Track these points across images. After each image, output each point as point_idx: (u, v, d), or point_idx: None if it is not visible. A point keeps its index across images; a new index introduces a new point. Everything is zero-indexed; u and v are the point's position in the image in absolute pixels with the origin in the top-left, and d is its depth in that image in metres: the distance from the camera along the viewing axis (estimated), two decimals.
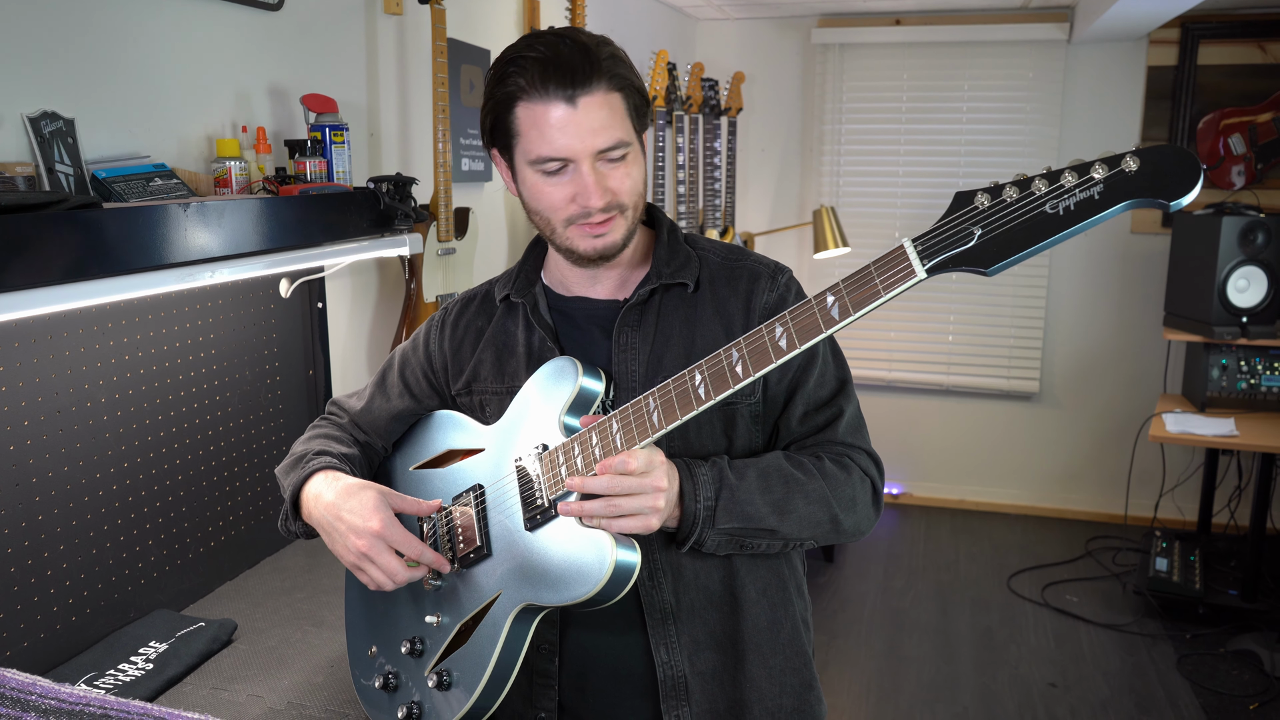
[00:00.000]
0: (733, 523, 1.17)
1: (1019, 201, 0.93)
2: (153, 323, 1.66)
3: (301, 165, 1.88)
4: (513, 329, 1.34)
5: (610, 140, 1.17)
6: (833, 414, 1.28)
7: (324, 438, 1.40)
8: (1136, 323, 4.70)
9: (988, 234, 0.94)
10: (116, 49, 1.62)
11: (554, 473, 1.18)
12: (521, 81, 1.16)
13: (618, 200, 1.20)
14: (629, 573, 1.12)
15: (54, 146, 1.47)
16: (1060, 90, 4.59)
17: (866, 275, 0.99)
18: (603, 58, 1.16)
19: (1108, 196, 0.90)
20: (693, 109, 4.18)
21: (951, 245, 0.96)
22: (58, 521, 1.51)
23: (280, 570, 1.90)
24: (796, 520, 1.20)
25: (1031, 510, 5.00)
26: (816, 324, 1.02)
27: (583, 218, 1.19)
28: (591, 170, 1.17)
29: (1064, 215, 0.91)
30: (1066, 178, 0.91)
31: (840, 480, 1.23)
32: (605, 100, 1.16)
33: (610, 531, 1.11)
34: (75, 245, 1.28)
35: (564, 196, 1.19)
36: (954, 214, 0.96)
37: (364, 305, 2.36)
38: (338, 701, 1.42)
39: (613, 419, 1.14)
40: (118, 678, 1.45)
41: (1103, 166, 0.90)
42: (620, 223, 1.21)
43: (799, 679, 1.31)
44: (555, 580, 1.15)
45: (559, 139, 1.15)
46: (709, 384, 1.08)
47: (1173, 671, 3.44)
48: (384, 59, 2.39)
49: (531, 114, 1.16)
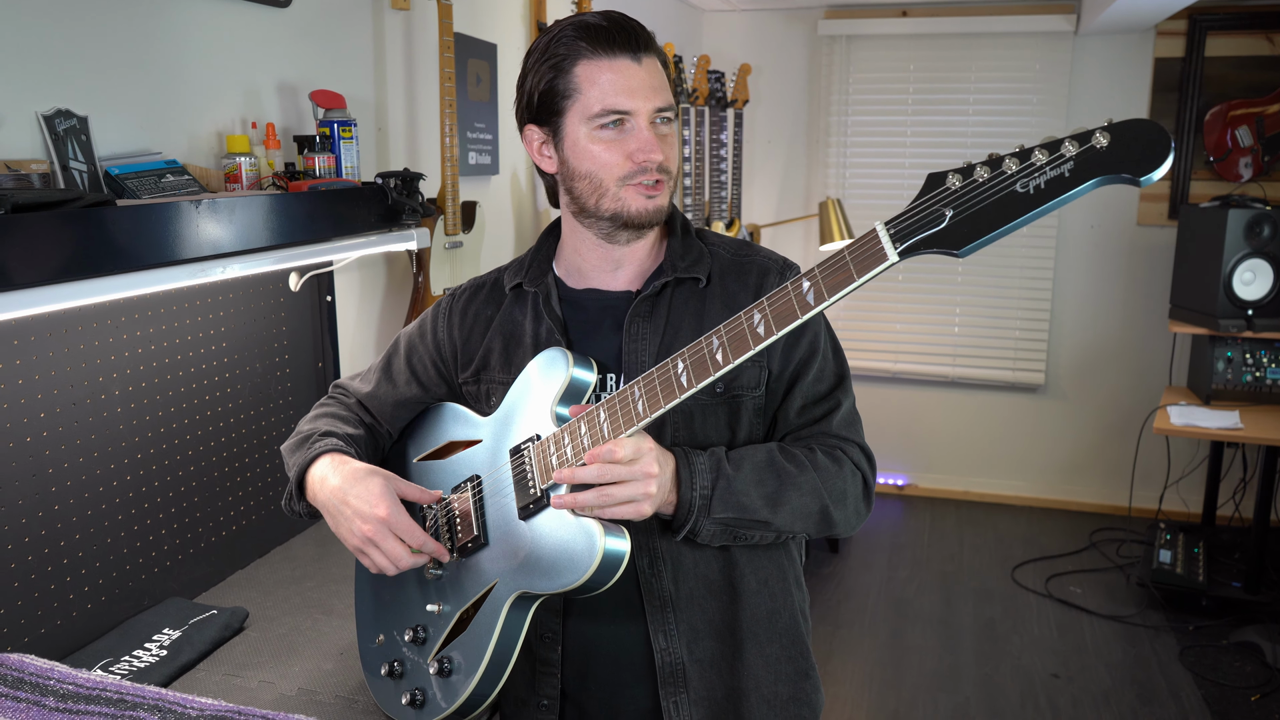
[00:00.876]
0: (727, 513, 1.19)
1: (990, 181, 0.93)
2: (165, 316, 1.69)
3: (310, 161, 1.90)
4: (520, 319, 1.36)
5: (666, 101, 1.23)
6: (829, 407, 1.30)
7: (331, 417, 1.41)
8: (1142, 315, 4.70)
9: (959, 215, 0.94)
10: (129, 47, 1.64)
11: (545, 463, 1.21)
12: (584, 43, 1.21)
13: (668, 164, 1.24)
14: (618, 560, 1.15)
15: (68, 144, 1.50)
16: (1067, 82, 4.59)
17: (841, 260, 1.00)
18: (653, 36, 1.25)
19: (1078, 173, 0.89)
20: (698, 101, 4.19)
21: (923, 227, 0.95)
22: (73, 511, 1.54)
23: (291, 559, 1.93)
24: (789, 512, 1.22)
25: (1036, 502, 5.01)
26: (793, 309, 1.03)
27: (639, 174, 1.22)
28: (648, 125, 1.22)
29: (1034, 194, 0.90)
30: (1037, 156, 0.90)
31: (832, 473, 1.25)
32: (658, 66, 1.24)
33: (604, 520, 1.14)
34: (90, 242, 1.31)
35: (621, 153, 1.22)
36: (926, 195, 0.96)
37: (372, 298, 2.39)
38: (347, 688, 1.44)
39: (600, 409, 1.17)
40: (132, 664, 1.48)
41: (1074, 143, 0.89)
42: (667, 189, 1.26)
43: (795, 667, 1.33)
44: (547, 568, 1.18)
45: (624, 93, 1.20)
46: (690, 371, 1.09)
47: (1175, 663, 3.46)
48: (391, 54, 2.41)
49: (595, 69, 1.21)
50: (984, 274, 4.87)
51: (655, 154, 1.21)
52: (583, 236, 1.31)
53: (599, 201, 1.25)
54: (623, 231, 1.27)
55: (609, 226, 1.27)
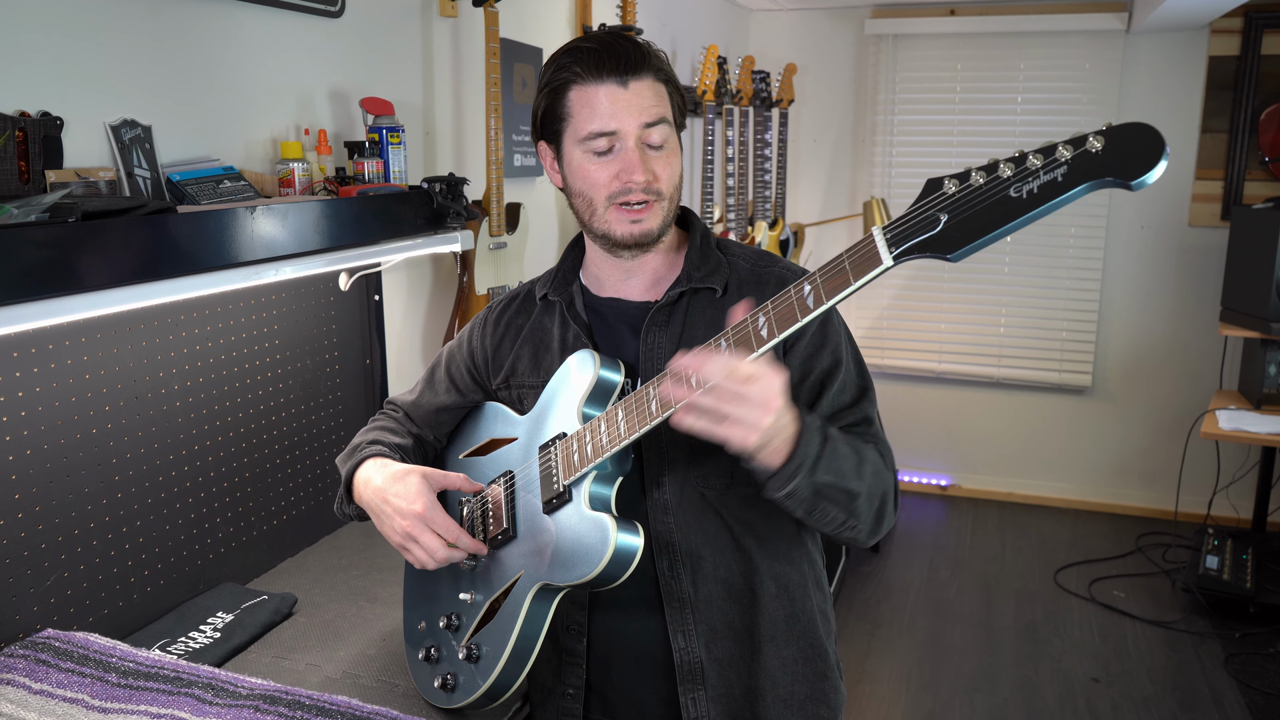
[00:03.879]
0: (828, 476, 1.14)
1: (984, 186, 0.93)
2: (222, 315, 1.78)
3: (360, 166, 1.98)
4: (549, 325, 1.41)
5: (655, 115, 1.25)
6: (858, 417, 1.30)
7: (379, 429, 1.51)
8: (1192, 317, 4.64)
9: (953, 220, 0.94)
10: (189, 59, 1.72)
11: (569, 459, 1.26)
12: (577, 69, 1.25)
13: (657, 184, 1.27)
14: (630, 555, 1.19)
15: (133, 152, 1.58)
16: (1118, 81, 4.54)
17: (839, 264, 1.02)
18: (651, 53, 1.27)
19: (1070, 178, 0.88)
20: (743, 102, 4.22)
21: (917, 232, 0.96)
22: (135, 500, 1.63)
23: (338, 548, 2.01)
24: (867, 492, 1.21)
25: (1081, 505, 4.97)
26: (794, 312, 1.05)
27: (623, 195, 1.26)
28: (637, 147, 1.25)
29: (1026, 199, 0.90)
30: (1032, 160, 0.90)
31: (884, 466, 1.26)
32: (653, 86, 1.26)
33: (715, 436, 1.08)
34: (153, 247, 1.39)
35: (608, 174, 1.26)
36: (923, 200, 0.97)
37: (419, 298, 2.46)
38: (389, 672, 1.51)
39: (618, 408, 1.21)
40: (188, 645, 1.57)
41: (1068, 147, 0.88)
42: (657, 210, 1.28)
43: (813, 669, 1.36)
44: (564, 561, 1.23)
45: (609, 115, 1.24)
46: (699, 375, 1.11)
47: (1219, 670, 3.42)
48: (439, 60, 2.48)
49: (584, 95, 1.25)
50: (1031, 274, 4.83)
51: (637, 174, 1.24)
52: (594, 248, 1.38)
53: (591, 220, 1.31)
54: (620, 250, 1.32)
55: (605, 244, 1.32)
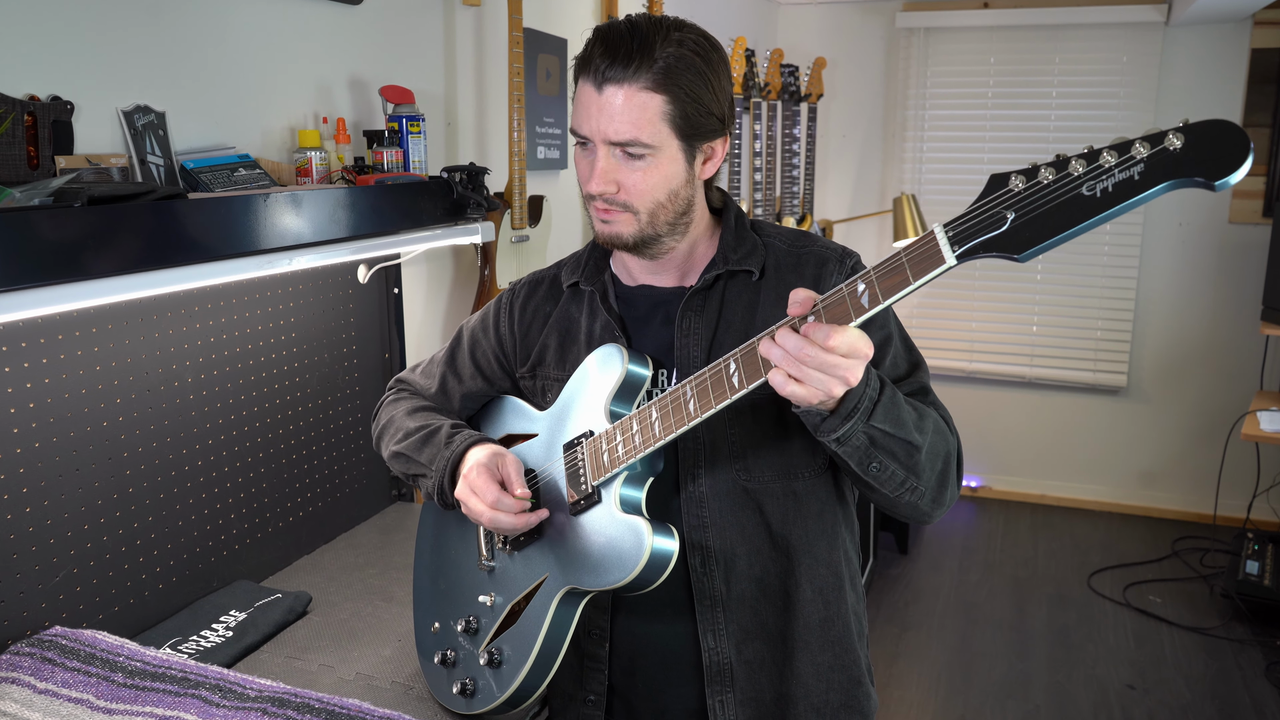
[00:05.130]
0: (885, 424, 1.09)
1: (1055, 183, 0.89)
2: (237, 307, 1.74)
3: (379, 155, 1.93)
4: (576, 315, 1.36)
5: (624, 136, 1.17)
6: (916, 387, 1.24)
7: (426, 410, 1.45)
8: (1232, 316, 4.52)
9: (1021, 218, 0.90)
10: (205, 44, 1.69)
11: (597, 459, 1.21)
12: (581, 54, 1.21)
13: (622, 196, 1.20)
14: (666, 559, 1.14)
15: (146, 139, 1.55)
16: (1156, 75, 4.43)
17: (897, 262, 0.97)
18: (658, 57, 1.15)
19: (1148, 177, 0.84)
20: (771, 96, 4.16)
21: (983, 230, 0.92)
22: (147, 494, 1.59)
23: (354, 546, 1.97)
24: (928, 446, 1.15)
25: (1115, 507, 4.86)
26: (847, 312, 1.00)
27: (590, 199, 1.23)
28: (605, 157, 1.19)
29: (1101, 197, 0.86)
30: (1106, 157, 0.86)
31: (948, 430, 1.21)
32: (635, 97, 1.15)
33: (783, 390, 1.02)
34: (162, 234, 1.35)
35: (584, 174, 1.23)
36: (987, 197, 0.93)
37: (439, 291, 2.42)
38: (403, 675, 1.47)
39: (652, 407, 1.16)
40: (200, 643, 1.53)
41: (1145, 145, 0.84)
42: (626, 219, 1.22)
43: (848, 675, 1.31)
44: (595, 565, 1.18)
45: (582, 115, 1.20)
46: (743, 372, 1.07)
47: (1260, 679, 3.33)
48: (461, 49, 2.44)
49: (579, 89, 1.21)
50: (1065, 272, 4.73)
51: (591, 185, 1.20)
52: None
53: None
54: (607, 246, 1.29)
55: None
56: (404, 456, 1.41)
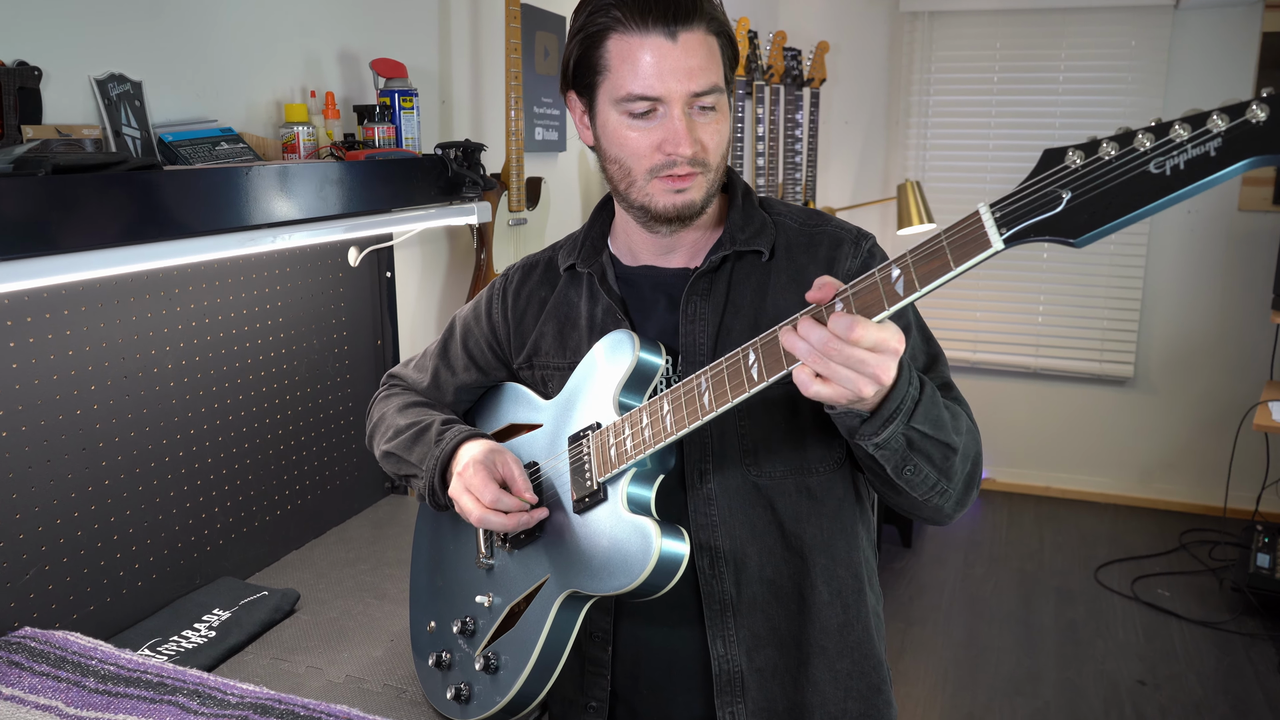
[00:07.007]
0: (924, 426, 1.02)
1: (1118, 160, 0.79)
2: (220, 289, 1.65)
3: (370, 131, 1.85)
4: (575, 300, 1.28)
5: (707, 84, 1.10)
6: (940, 382, 1.18)
7: (418, 406, 1.37)
8: (1242, 305, 4.45)
9: (1078, 198, 0.80)
10: (185, 11, 1.60)
11: (604, 454, 1.12)
12: (618, 12, 1.09)
13: (704, 155, 1.12)
14: (675, 564, 1.06)
15: (121, 109, 1.46)
16: (1165, 59, 4.35)
17: (937, 245, 0.88)
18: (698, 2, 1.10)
19: (1227, 153, 0.74)
20: (774, 79, 4.07)
21: (1035, 211, 0.82)
22: (125, 486, 1.51)
23: (345, 541, 1.89)
24: (963, 448, 1.08)
25: (1122, 500, 4.80)
26: (880, 300, 0.91)
27: (667, 168, 1.12)
28: (683, 115, 1.10)
29: (1171, 176, 0.76)
30: (1177, 130, 0.76)
31: (975, 430, 1.14)
32: (705, 41, 1.10)
33: (807, 389, 0.95)
34: (134, 207, 1.26)
35: (650, 143, 1.11)
36: (1040, 175, 0.83)
37: (434, 275, 2.33)
38: (396, 677, 1.39)
39: (663, 399, 1.08)
40: (180, 644, 1.45)
41: (1223, 116, 0.74)
42: (702, 181, 1.14)
43: (867, 683, 1.22)
44: (599, 568, 1.09)
45: (654, 76, 1.08)
46: (763, 364, 0.98)
47: (1274, 674, 3.26)
48: (457, 25, 2.35)
49: (626, 47, 1.09)
50: (1071, 261, 4.64)
51: (684, 148, 1.10)
52: (627, 218, 1.23)
53: (628, 190, 1.16)
54: (657, 224, 1.17)
55: (642, 217, 1.18)
56: (395, 457, 1.34)
